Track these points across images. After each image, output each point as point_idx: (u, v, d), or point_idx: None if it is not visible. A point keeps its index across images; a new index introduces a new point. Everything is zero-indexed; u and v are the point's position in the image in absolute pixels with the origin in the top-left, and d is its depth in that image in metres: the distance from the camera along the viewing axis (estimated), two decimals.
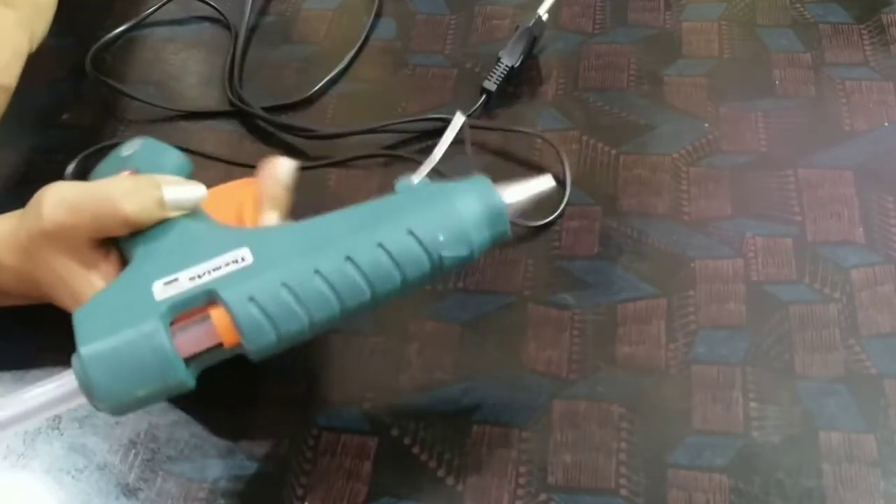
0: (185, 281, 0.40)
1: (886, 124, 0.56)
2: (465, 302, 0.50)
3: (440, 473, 0.44)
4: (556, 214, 0.53)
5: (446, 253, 0.40)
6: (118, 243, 0.44)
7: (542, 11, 0.60)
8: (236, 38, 0.65)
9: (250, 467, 0.45)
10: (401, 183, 0.43)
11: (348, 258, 0.39)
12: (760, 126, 0.57)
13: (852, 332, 0.47)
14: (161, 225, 0.43)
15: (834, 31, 0.61)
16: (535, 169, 0.56)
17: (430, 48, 0.63)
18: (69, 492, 0.45)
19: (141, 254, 0.42)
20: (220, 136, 0.60)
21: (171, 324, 0.39)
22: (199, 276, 0.40)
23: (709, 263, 0.51)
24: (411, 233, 0.40)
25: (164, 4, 0.68)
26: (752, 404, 0.45)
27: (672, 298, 0.49)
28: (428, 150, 0.57)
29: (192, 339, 0.40)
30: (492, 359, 0.48)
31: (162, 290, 0.40)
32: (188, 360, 0.39)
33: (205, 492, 0.45)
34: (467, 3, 0.66)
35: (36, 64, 0.66)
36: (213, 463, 0.45)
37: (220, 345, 0.40)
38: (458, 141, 0.55)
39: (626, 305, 0.49)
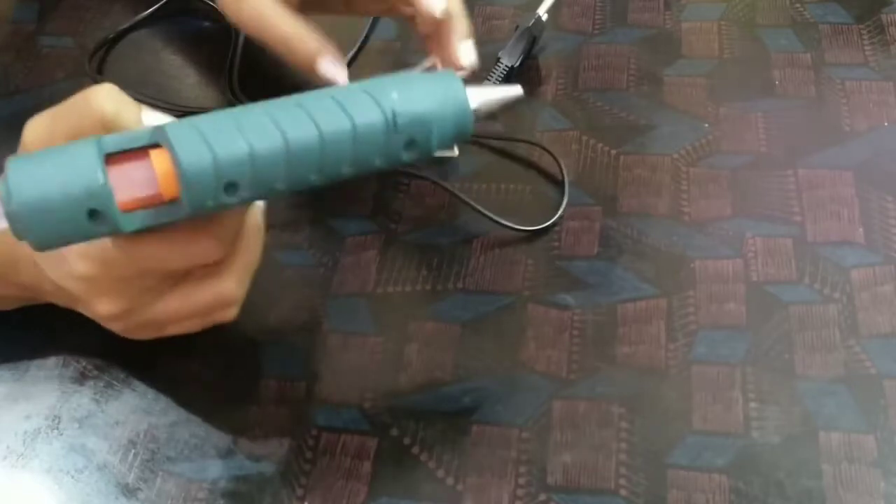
0: (129, 136, 0.38)
1: (886, 124, 0.56)
2: (465, 302, 0.50)
3: (440, 473, 0.44)
4: (554, 219, 0.53)
5: (400, 108, 0.39)
6: None
7: (542, 11, 0.60)
8: (236, 37, 0.65)
9: (250, 467, 0.45)
10: None
11: (299, 104, 0.38)
12: (760, 126, 0.57)
13: (852, 332, 0.47)
14: None
15: (834, 31, 0.61)
16: (535, 172, 0.56)
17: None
18: (69, 492, 0.45)
19: None
20: None
21: (111, 162, 0.37)
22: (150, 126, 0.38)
23: (709, 263, 0.51)
24: (365, 91, 0.39)
25: (163, 4, 0.68)
26: (752, 404, 0.45)
27: (672, 298, 0.49)
28: None
29: (127, 176, 0.37)
30: (492, 359, 0.48)
31: (108, 138, 0.37)
32: (123, 206, 0.37)
33: (204, 492, 0.45)
34: (467, 4, 0.66)
35: (36, 64, 0.66)
36: (213, 463, 0.45)
37: (156, 195, 0.37)
38: None
39: (626, 305, 0.49)
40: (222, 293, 0.44)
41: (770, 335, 0.48)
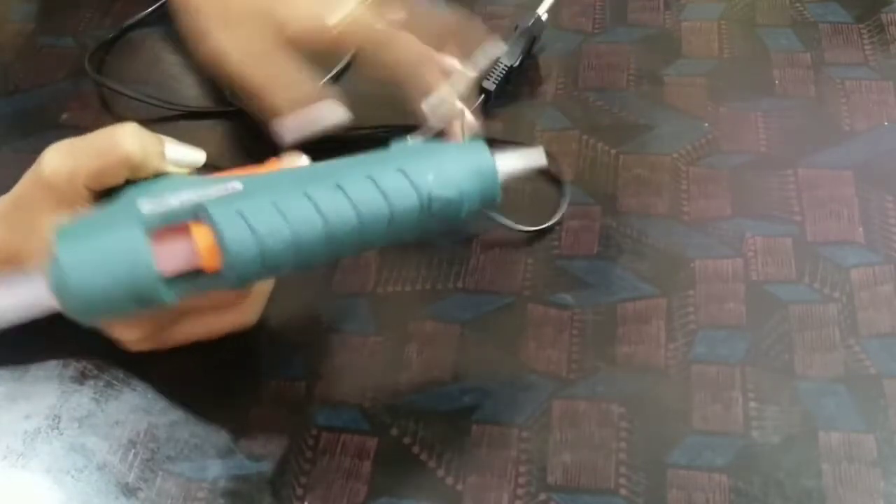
0: (173, 200, 0.39)
1: (886, 124, 0.56)
2: (465, 302, 0.50)
3: (440, 473, 0.44)
4: (555, 219, 0.53)
5: (435, 192, 0.40)
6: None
7: (542, 11, 0.60)
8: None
9: (250, 467, 0.45)
10: (395, 141, 0.44)
11: (338, 186, 0.39)
12: (760, 126, 0.57)
13: (852, 331, 0.47)
14: (157, 179, 0.42)
15: (834, 31, 0.61)
16: (535, 172, 0.56)
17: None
18: (69, 492, 0.45)
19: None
20: (221, 135, 0.60)
21: (154, 238, 0.39)
22: (188, 199, 0.39)
23: (709, 263, 0.51)
24: (401, 170, 0.40)
25: (163, 4, 0.68)
26: (752, 404, 0.45)
27: (672, 298, 0.49)
28: None
29: (170, 252, 0.39)
30: (492, 359, 0.48)
31: (147, 206, 0.39)
32: (167, 279, 0.39)
33: (204, 491, 0.45)
34: (467, 3, 0.66)
35: (36, 63, 0.66)
36: (213, 463, 0.46)
37: (199, 269, 0.39)
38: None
39: (626, 305, 0.49)
40: (241, 322, 0.46)
41: (770, 335, 0.48)
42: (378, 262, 0.52)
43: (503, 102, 0.59)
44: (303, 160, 0.45)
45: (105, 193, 0.43)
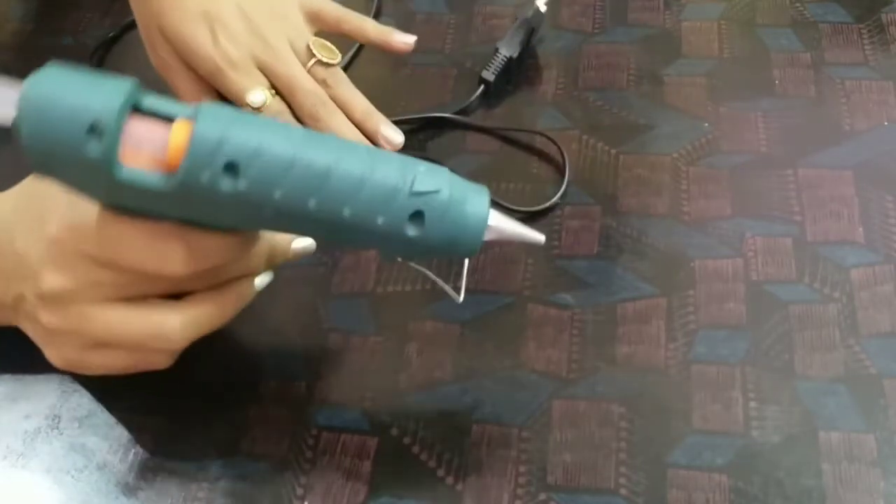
0: (164, 102, 0.38)
1: (886, 124, 0.56)
2: (465, 302, 0.50)
3: (440, 473, 0.44)
4: (553, 200, 0.53)
5: (420, 178, 0.38)
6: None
7: (541, 3, 0.60)
8: None
9: (250, 467, 0.45)
10: None
11: (334, 138, 0.39)
12: (760, 126, 0.57)
13: (852, 331, 0.47)
14: None
15: (834, 31, 0.61)
16: (534, 168, 0.56)
17: (429, 47, 0.63)
18: (69, 492, 0.45)
19: None
20: None
21: (134, 116, 0.37)
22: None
23: (709, 263, 0.51)
24: (400, 156, 0.39)
25: None
26: (752, 404, 0.45)
27: (672, 298, 0.49)
28: (427, 149, 0.57)
29: (143, 131, 0.37)
30: (492, 359, 0.48)
31: (150, 99, 0.38)
32: (124, 157, 0.37)
33: (204, 491, 0.45)
34: (467, 3, 0.66)
35: (36, 63, 0.66)
36: (213, 462, 0.46)
37: (160, 162, 0.37)
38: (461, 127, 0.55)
39: (626, 305, 0.49)
40: (163, 328, 0.42)
41: (770, 335, 0.48)
42: (378, 261, 0.52)
43: (502, 101, 0.60)
44: None
45: None
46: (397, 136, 0.56)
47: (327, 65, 0.56)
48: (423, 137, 0.58)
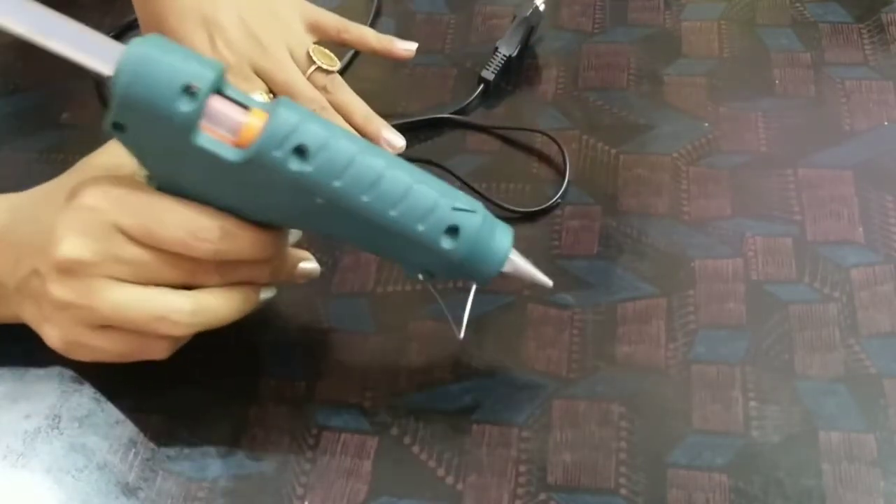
0: (254, 97, 0.43)
1: (886, 124, 0.56)
2: (465, 302, 0.50)
3: (440, 472, 0.44)
4: (554, 200, 0.53)
5: (459, 199, 0.42)
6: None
7: (539, 1, 0.61)
8: None
9: (250, 466, 0.45)
10: None
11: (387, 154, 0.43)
12: (760, 126, 0.57)
13: (852, 331, 0.47)
14: None
15: (834, 31, 0.61)
16: (536, 161, 0.56)
17: (429, 47, 0.63)
18: (69, 491, 0.45)
19: None
20: None
21: (217, 96, 0.41)
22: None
23: (709, 263, 0.51)
24: (440, 183, 0.43)
25: None
26: (752, 404, 0.45)
27: (672, 298, 0.49)
28: (427, 149, 0.57)
29: (223, 110, 0.40)
30: (492, 358, 0.48)
31: (234, 89, 0.42)
32: (204, 129, 0.40)
33: (204, 491, 0.45)
34: (467, 3, 0.66)
35: (35, 64, 0.66)
36: (213, 462, 0.45)
37: (231, 139, 0.41)
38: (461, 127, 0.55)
39: (626, 305, 0.49)
40: (172, 312, 0.43)
41: (770, 335, 0.48)
42: (378, 261, 0.52)
43: (502, 101, 0.60)
44: None
45: None
46: (399, 140, 0.56)
47: (327, 71, 0.57)
48: (423, 137, 0.58)
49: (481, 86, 0.59)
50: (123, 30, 0.66)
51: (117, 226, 0.42)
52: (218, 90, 0.41)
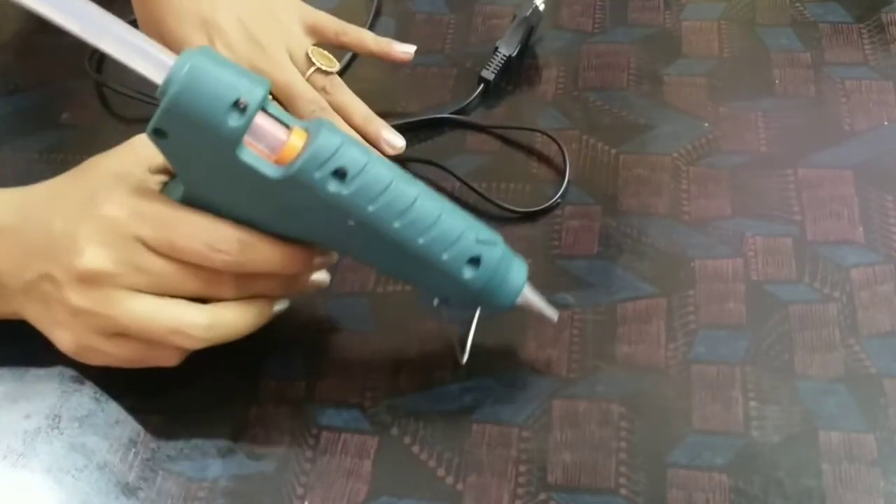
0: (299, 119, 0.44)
1: (886, 124, 0.56)
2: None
3: (440, 472, 0.44)
4: (554, 200, 0.53)
5: (483, 230, 0.44)
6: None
7: (539, 1, 0.61)
8: None
9: (250, 466, 0.45)
10: None
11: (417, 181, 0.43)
12: (760, 126, 0.57)
13: (852, 331, 0.47)
14: None
15: (834, 31, 0.61)
16: (534, 167, 0.56)
17: (429, 47, 0.63)
18: (69, 491, 0.45)
19: None
20: None
21: (262, 114, 0.41)
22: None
23: (709, 263, 0.51)
24: (465, 215, 0.44)
25: None
26: (752, 404, 0.45)
27: (672, 298, 0.49)
28: (427, 149, 0.57)
29: (266, 128, 0.41)
30: (492, 358, 0.48)
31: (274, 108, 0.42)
32: (247, 144, 0.41)
33: (205, 491, 0.45)
34: (467, 3, 0.66)
35: (35, 63, 0.66)
36: (213, 462, 0.46)
37: (271, 157, 0.41)
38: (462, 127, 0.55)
39: (626, 305, 0.49)
40: (187, 325, 0.43)
41: (770, 334, 0.48)
42: None
43: (502, 102, 0.60)
44: None
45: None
46: (398, 140, 0.56)
47: (326, 72, 0.57)
48: (422, 137, 0.58)
49: (481, 86, 0.59)
50: None
51: (139, 237, 0.42)
52: (262, 107, 0.41)
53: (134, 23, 0.59)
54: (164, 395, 0.48)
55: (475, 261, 0.43)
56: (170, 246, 0.42)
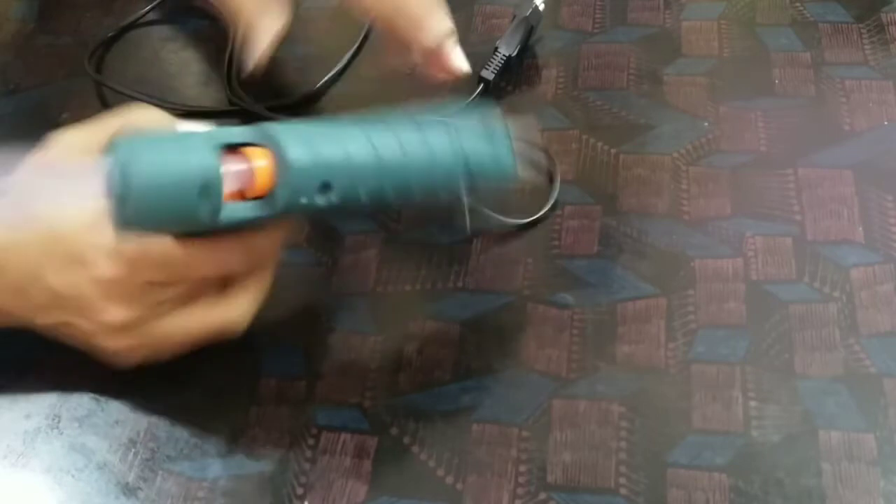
0: (234, 133, 0.40)
1: (886, 123, 0.56)
2: (465, 301, 0.50)
3: (440, 472, 0.44)
4: (544, 210, 0.53)
5: (469, 149, 0.43)
6: None
7: (539, 2, 0.61)
8: (235, 37, 0.65)
9: (250, 466, 0.45)
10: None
11: (388, 126, 0.42)
12: (760, 125, 0.57)
13: (852, 331, 0.47)
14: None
15: (833, 31, 0.61)
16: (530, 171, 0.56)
17: None
18: (69, 491, 0.45)
19: None
20: None
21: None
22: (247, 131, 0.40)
23: (709, 263, 0.51)
24: (444, 125, 0.43)
25: (162, 2, 0.68)
26: (752, 403, 0.45)
27: (672, 298, 0.49)
28: None
29: (228, 171, 0.39)
30: (491, 358, 0.48)
31: (213, 135, 0.40)
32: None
33: (204, 491, 0.45)
34: (467, 3, 0.66)
35: (35, 62, 0.66)
36: (213, 462, 0.46)
37: (249, 189, 0.39)
38: None
39: (626, 305, 0.49)
40: (230, 320, 0.45)
41: (770, 334, 0.48)
42: (378, 261, 0.52)
43: (502, 102, 0.60)
44: None
45: None
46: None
47: None
48: None
49: (481, 85, 0.59)
50: (123, 30, 0.66)
51: (148, 281, 0.43)
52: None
53: (135, 23, 0.58)
54: (164, 396, 0.48)
55: (468, 173, 0.43)
56: (180, 277, 0.43)
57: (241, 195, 0.39)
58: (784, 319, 0.48)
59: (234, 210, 0.39)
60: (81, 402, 0.48)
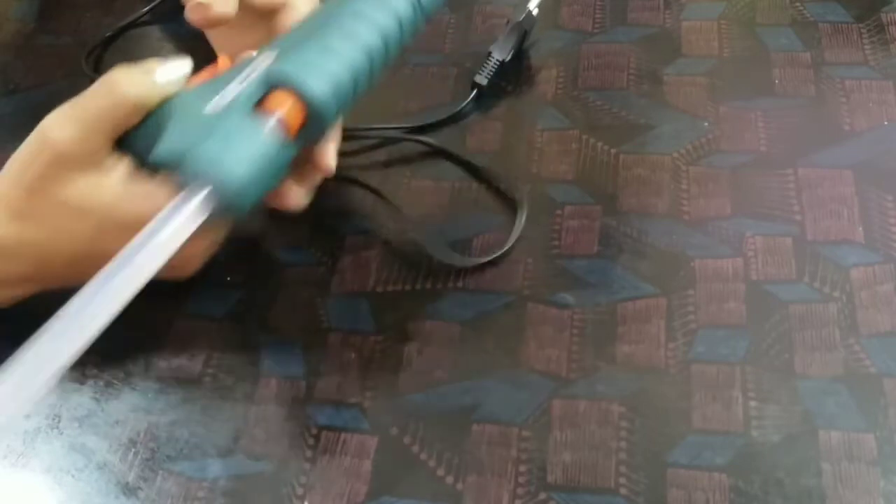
0: (229, 92, 0.43)
1: (886, 123, 0.56)
2: (465, 301, 0.50)
3: (440, 472, 0.44)
4: (504, 250, 0.52)
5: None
6: (127, 148, 0.44)
7: (533, 6, 0.60)
8: None
9: (250, 466, 0.45)
10: None
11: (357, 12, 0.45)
12: (760, 125, 0.57)
13: (852, 331, 0.47)
14: (165, 104, 0.44)
15: (833, 31, 0.61)
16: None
17: (429, 47, 0.63)
18: (69, 491, 0.45)
19: (169, 119, 0.44)
20: None
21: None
22: (244, 80, 0.43)
23: (709, 263, 0.51)
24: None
25: (161, 2, 0.68)
26: (752, 403, 0.45)
27: (672, 298, 0.49)
28: (426, 151, 0.57)
29: (275, 128, 0.42)
30: (491, 358, 0.48)
31: (211, 107, 0.42)
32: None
33: (204, 491, 0.45)
34: (466, 3, 0.66)
35: (35, 62, 0.66)
36: (213, 462, 0.46)
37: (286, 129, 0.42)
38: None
39: (626, 305, 0.49)
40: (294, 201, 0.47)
41: (770, 334, 0.48)
42: (378, 261, 0.52)
43: (502, 102, 0.60)
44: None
45: (119, 141, 0.44)
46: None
47: None
48: (421, 139, 0.58)
49: (474, 91, 0.59)
50: (123, 30, 0.66)
51: None
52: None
53: (135, 23, 0.58)
54: (164, 395, 0.48)
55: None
56: None
57: (288, 130, 0.43)
58: (784, 319, 0.48)
59: (292, 151, 0.43)
60: (81, 402, 0.48)
